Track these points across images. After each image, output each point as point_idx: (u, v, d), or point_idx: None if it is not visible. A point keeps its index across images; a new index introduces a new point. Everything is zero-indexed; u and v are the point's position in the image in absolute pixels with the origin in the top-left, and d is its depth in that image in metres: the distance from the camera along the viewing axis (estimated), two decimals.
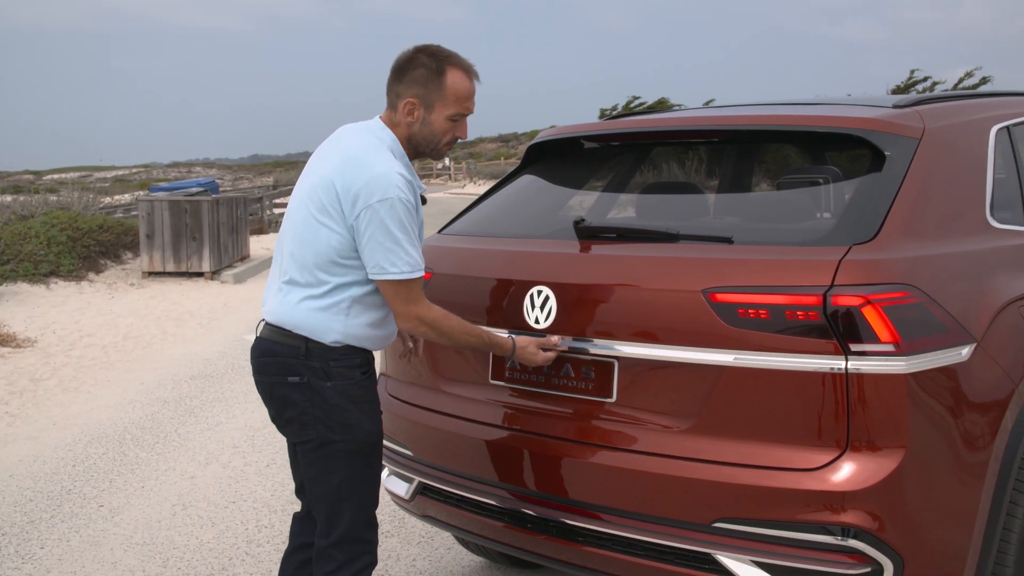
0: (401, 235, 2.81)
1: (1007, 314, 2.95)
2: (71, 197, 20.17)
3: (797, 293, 2.67)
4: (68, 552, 4.73)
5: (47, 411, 7.66)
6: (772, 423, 2.71)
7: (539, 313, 3.16)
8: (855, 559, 2.60)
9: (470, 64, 2.99)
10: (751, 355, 2.72)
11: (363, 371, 2.96)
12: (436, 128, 2.96)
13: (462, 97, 2.95)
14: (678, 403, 2.87)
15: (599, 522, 2.97)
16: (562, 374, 3.15)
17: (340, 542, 2.97)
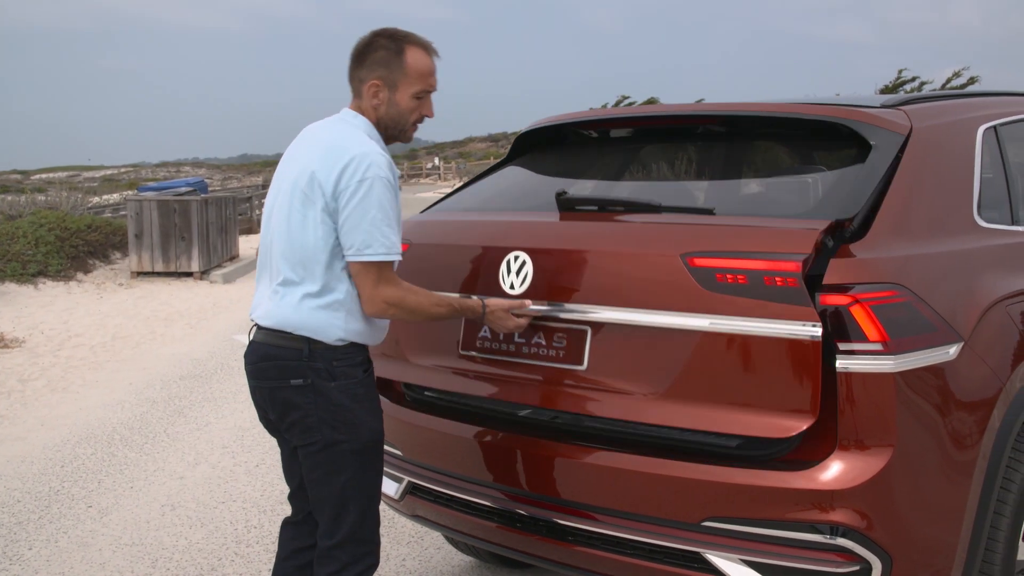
0: (380, 215, 2.79)
1: (994, 313, 2.96)
2: (59, 197, 20.11)
3: (776, 259, 2.66)
4: (56, 553, 4.72)
5: (35, 411, 7.63)
6: (744, 389, 2.69)
7: (514, 279, 3.13)
8: (844, 557, 2.60)
9: (428, 41, 2.99)
10: (727, 320, 2.70)
11: (364, 369, 2.96)
12: (403, 107, 2.96)
13: (424, 74, 2.95)
14: (649, 370, 2.86)
15: (589, 521, 2.97)
16: (533, 342, 3.13)
17: (344, 543, 2.96)
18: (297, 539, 3.17)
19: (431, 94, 3.00)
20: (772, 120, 3.44)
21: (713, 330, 2.73)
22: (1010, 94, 4.03)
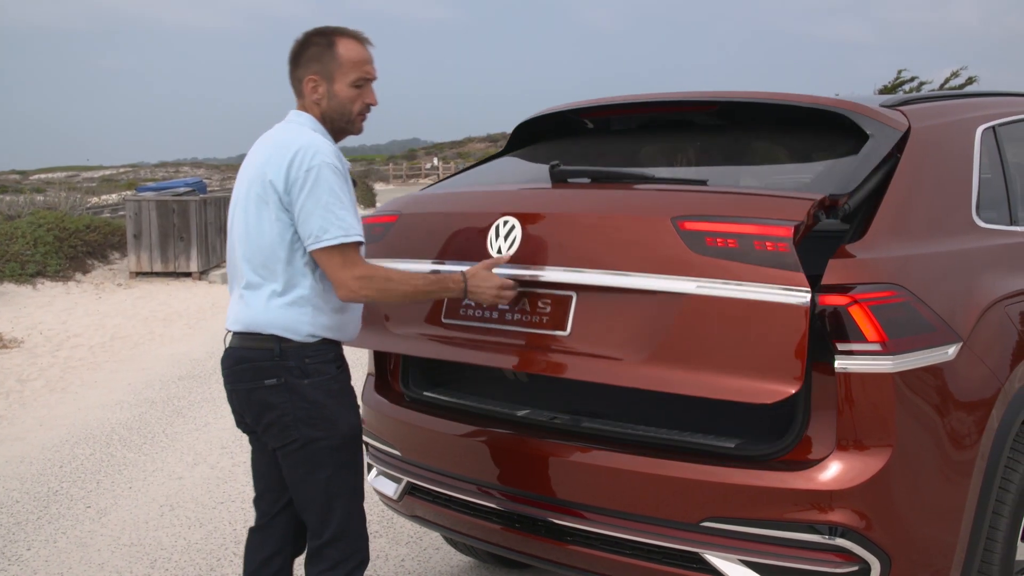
0: (332, 200, 2.80)
1: (993, 313, 2.96)
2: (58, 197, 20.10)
3: (768, 224, 2.63)
4: (55, 554, 4.71)
5: (34, 412, 7.63)
6: (730, 354, 2.65)
7: (502, 243, 3.10)
8: (843, 558, 2.61)
9: (360, 32, 3.02)
10: (715, 283, 2.66)
11: (337, 365, 2.96)
12: (343, 97, 2.97)
13: (358, 61, 2.97)
14: (634, 335, 2.82)
15: (587, 521, 2.97)
16: (517, 309, 3.10)
17: (334, 541, 2.97)
18: (264, 548, 3.16)
19: (371, 82, 3.02)
20: (770, 107, 3.44)
21: (700, 293, 2.68)
22: (1009, 94, 4.04)
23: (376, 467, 3.72)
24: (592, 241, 2.95)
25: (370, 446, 3.77)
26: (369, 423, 3.76)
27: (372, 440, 3.73)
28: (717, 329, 2.67)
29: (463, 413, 3.44)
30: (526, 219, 3.09)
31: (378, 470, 3.71)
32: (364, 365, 4.04)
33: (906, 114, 3.17)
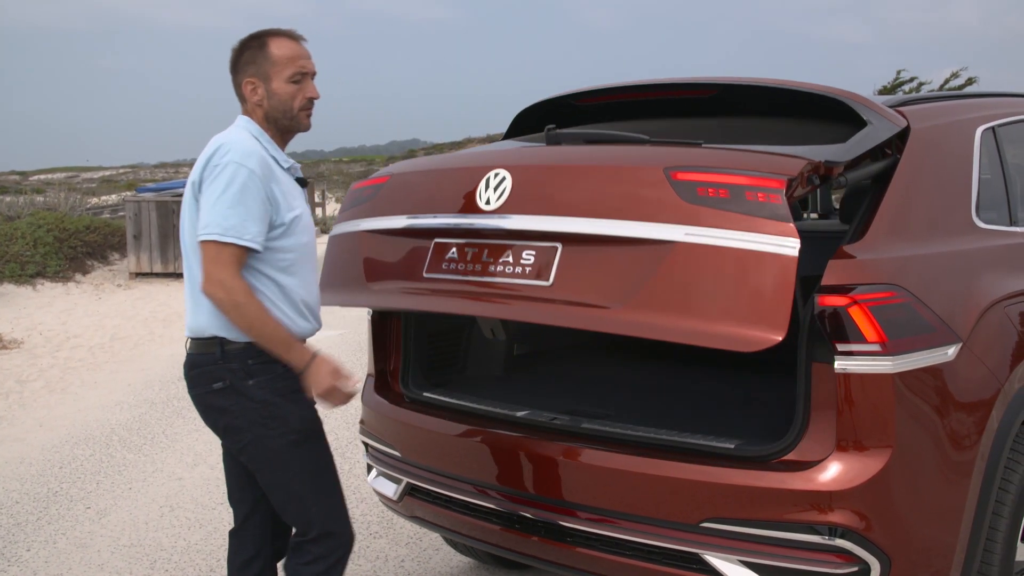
0: (227, 197, 2.78)
1: (992, 314, 2.96)
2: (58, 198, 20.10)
3: (761, 176, 2.61)
4: (55, 554, 4.71)
5: (33, 412, 7.63)
6: (714, 301, 2.61)
7: (492, 194, 3.06)
8: (842, 559, 2.61)
9: (291, 30, 3.03)
10: (703, 231, 2.63)
11: (284, 364, 2.90)
12: (282, 94, 2.96)
13: (292, 57, 2.96)
14: (617, 283, 2.77)
15: (587, 522, 2.97)
16: (501, 261, 3.04)
17: (317, 538, 2.96)
18: (242, 551, 3.16)
19: (309, 76, 3.00)
20: (770, 92, 3.44)
21: (688, 241, 2.64)
22: (1008, 95, 4.04)
23: (376, 468, 3.72)
24: (582, 191, 2.91)
25: (370, 447, 3.77)
26: (369, 423, 3.76)
27: (372, 440, 3.73)
28: (704, 277, 2.62)
29: (463, 414, 3.44)
30: (517, 172, 3.05)
31: (378, 471, 3.71)
32: (364, 366, 4.04)
33: (906, 115, 3.17)
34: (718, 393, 3.88)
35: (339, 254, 3.59)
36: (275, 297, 2.90)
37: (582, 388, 3.95)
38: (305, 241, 2.98)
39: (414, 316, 3.77)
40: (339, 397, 2.94)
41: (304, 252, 2.98)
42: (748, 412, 3.52)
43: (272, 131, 3.00)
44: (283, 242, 2.90)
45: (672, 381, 4.20)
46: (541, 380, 4.06)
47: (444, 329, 3.99)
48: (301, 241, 2.96)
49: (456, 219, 3.12)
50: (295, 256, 2.94)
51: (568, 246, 2.90)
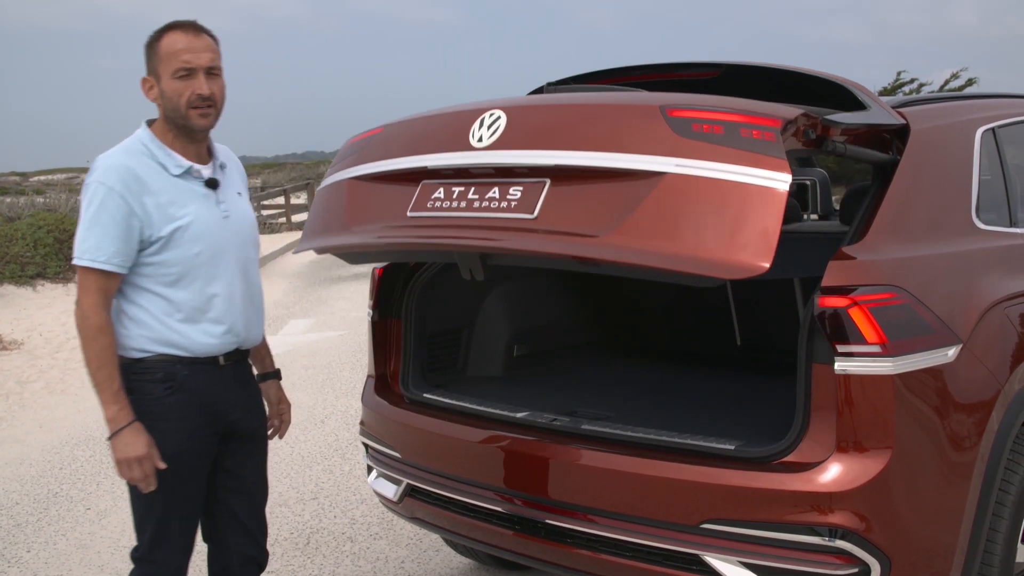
0: (86, 218, 2.76)
1: (993, 315, 2.96)
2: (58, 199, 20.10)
3: (757, 115, 2.59)
4: (55, 555, 4.71)
5: (33, 413, 7.63)
6: (702, 230, 2.56)
7: (484, 132, 2.98)
8: (842, 560, 2.61)
9: (190, 21, 2.87)
10: (694, 163, 2.59)
11: (167, 387, 2.82)
12: (169, 92, 2.81)
13: (176, 51, 2.80)
14: (604, 214, 2.71)
15: (587, 523, 2.97)
16: (487, 197, 2.97)
17: (139, 559, 2.93)
18: (213, 562, 3.17)
19: (201, 71, 2.81)
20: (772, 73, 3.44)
21: (679, 172, 2.60)
22: (1009, 96, 4.04)
23: (376, 469, 3.72)
24: (576, 128, 2.87)
25: (370, 448, 3.77)
26: (369, 425, 3.76)
27: (372, 442, 3.73)
28: (693, 207, 2.58)
29: (463, 415, 3.44)
30: (513, 111, 3.00)
31: (378, 472, 3.71)
32: (364, 367, 4.04)
33: (906, 116, 3.17)
34: (718, 394, 3.88)
35: (323, 204, 3.49)
36: (162, 313, 2.82)
37: (582, 389, 3.95)
38: (196, 252, 2.82)
39: (414, 317, 3.77)
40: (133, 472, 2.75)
41: (195, 263, 2.83)
42: (748, 413, 3.52)
43: (172, 133, 2.86)
44: (164, 256, 2.80)
45: (672, 382, 4.20)
46: (541, 381, 4.06)
47: (444, 330, 3.99)
48: (189, 252, 2.81)
49: (445, 157, 3.05)
50: (182, 269, 2.81)
51: (557, 182, 2.84)
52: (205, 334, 2.86)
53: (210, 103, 2.83)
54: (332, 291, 13.85)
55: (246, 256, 2.97)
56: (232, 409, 2.96)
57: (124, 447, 2.74)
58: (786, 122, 2.57)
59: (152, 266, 2.81)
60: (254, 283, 3.02)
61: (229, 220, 2.91)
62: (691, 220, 2.57)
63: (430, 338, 3.88)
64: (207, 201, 2.87)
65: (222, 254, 2.88)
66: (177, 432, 2.83)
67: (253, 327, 3.00)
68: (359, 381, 7.38)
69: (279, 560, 4.53)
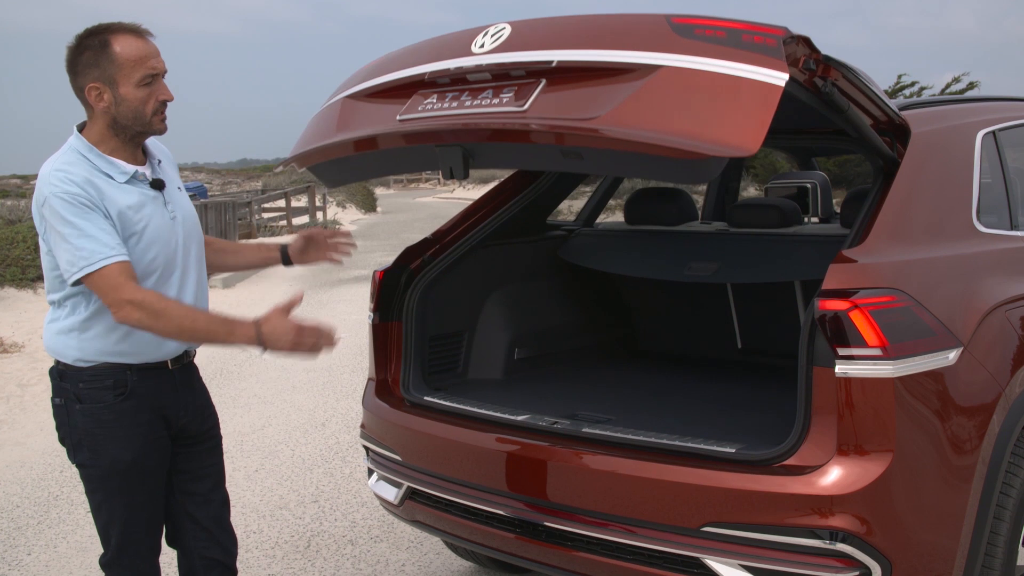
0: (66, 230, 2.64)
1: (993, 318, 2.96)
2: None
3: (761, 25, 2.59)
4: (56, 558, 4.71)
5: (34, 416, 7.63)
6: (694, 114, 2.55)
7: (487, 40, 2.94)
8: (843, 563, 2.60)
9: (135, 25, 2.78)
10: (693, 59, 2.58)
11: (117, 393, 2.79)
12: (133, 100, 2.73)
13: (140, 58, 2.72)
14: (594, 102, 2.69)
15: (588, 526, 2.97)
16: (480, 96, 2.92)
17: (107, 564, 2.94)
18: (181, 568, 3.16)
19: (161, 76, 2.78)
20: None
21: (676, 65, 2.59)
22: (1009, 99, 4.04)
23: (376, 472, 3.72)
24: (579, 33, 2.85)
25: (370, 451, 3.77)
26: (369, 428, 3.76)
27: (372, 445, 3.72)
28: (689, 96, 2.57)
29: (463, 418, 3.44)
30: (520, 24, 2.97)
31: (379, 475, 3.71)
32: (365, 370, 4.04)
33: (907, 119, 3.18)
34: (719, 397, 3.88)
35: (313, 123, 3.43)
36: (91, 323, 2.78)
37: (583, 392, 3.96)
38: (151, 257, 2.78)
39: (415, 320, 3.77)
40: (306, 343, 2.70)
41: (150, 269, 2.78)
42: (749, 416, 3.52)
43: (119, 139, 2.79)
44: None
45: (673, 385, 4.20)
46: (542, 384, 4.06)
47: (445, 333, 3.99)
48: (145, 259, 2.76)
49: (443, 64, 3.01)
50: (140, 276, 2.73)
51: (552, 82, 2.80)
52: (153, 340, 2.79)
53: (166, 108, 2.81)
54: (333, 294, 13.85)
55: (196, 255, 2.94)
56: (181, 413, 2.94)
57: (278, 337, 2.66)
58: (789, 35, 2.56)
59: None
60: (203, 280, 2.98)
61: (176, 221, 2.87)
62: (686, 106, 2.55)
63: (431, 341, 3.88)
64: (156, 204, 2.82)
65: (175, 256, 2.85)
66: (132, 437, 2.81)
67: None
68: (360, 384, 7.38)
69: (279, 563, 4.53)
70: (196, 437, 3.04)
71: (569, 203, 11.92)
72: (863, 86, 2.84)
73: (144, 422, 2.83)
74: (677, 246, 4.29)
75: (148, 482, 2.89)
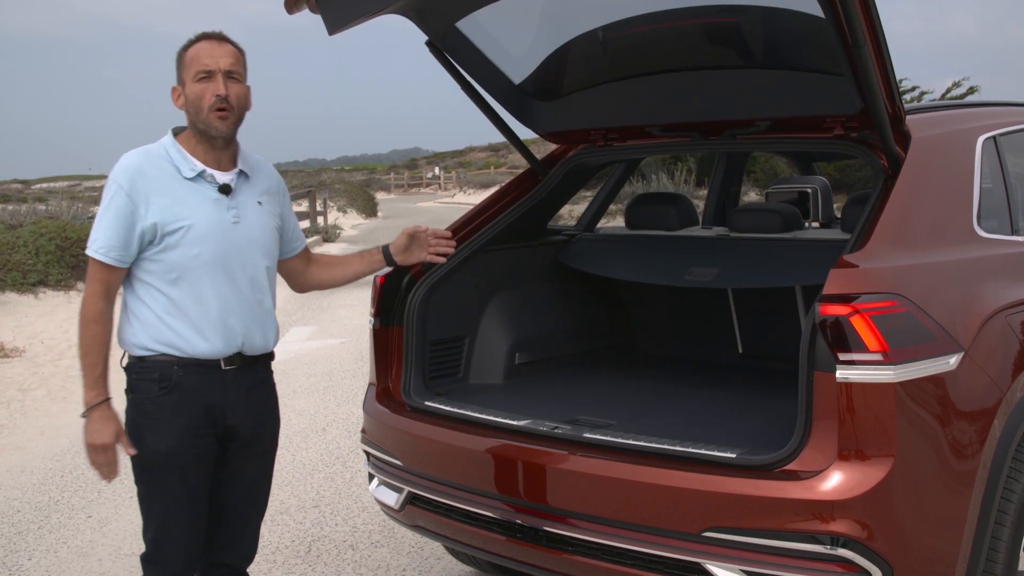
0: (99, 213, 2.88)
1: (994, 323, 2.96)
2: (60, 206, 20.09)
3: None
4: (56, 563, 4.71)
5: (35, 421, 7.63)
6: None
7: None
8: (844, 568, 2.60)
9: (215, 32, 2.95)
10: None
11: (162, 386, 2.89)
12: (192, 96, 2.88)
13: (197, 56, 2.88)
14: None
15: (589, 532, 2.97)
16: None
17: (144, 559, 2.99)
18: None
19: (219, 73, 2.87)
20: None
21: None
22: (1010, 104, 4.04)
23: (377, 477, 3.72)
24: None
25: (371, 456, 3.77)
26: (370, 432, 3.76)
27: (373, 450, 3.72)
28: None
29: (464, 423, 3.44)
30: None
31: (379, 480, 3.71)
32: (365, 375, 4.04)
33: (907, 124, 3.18)
34: (720, 402, 3.88)
35: None
36: (162, 311, 2.89)
37: (584, 397, 3.95)
38: (195, 253, 2.86)
39: (416, 325, 3.77)
40: (96, 458, 2.93)
41: (194, 264, 2.87)
42: (750, 421, 3.52)
43: (196, 139, 2.94)
44: (166, 254, 2.86)
45: (674, 390, 4.19)
46: (542, 389, 4.05)
47: (446, 337, 3.99)
48: (190, 253, 2.85)
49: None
50: (182, 269, 2.86)
51: None
52: (200, 337, 2.89)
53: (227, 105, 2.87)
54: (333, 298, 13.85)
55: (253, 263, 2.98)
56: (231, 413, 2.97)
57: (92, 432, 2.91)
58: None
59: (155, 263, 2.87)
60: (262, 290, 3.02)
61: (238, 226, 2.94)
62: None
63: (432, 346, 3.88)
64: (217, 206, 2.91)
65: (225, 258, 2.91)
66: (169, 431, 2.89)
67: (255, 334, 2.99)
68: (360, 389, 7.38)
69: (280, 568, 4.53)
70: (245, 440, 3.06)
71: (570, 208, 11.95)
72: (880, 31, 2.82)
73: (185, 417, 2.90)
74: (678, 251, 4.29)
75: (187, 480, 2.93)
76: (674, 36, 3.62)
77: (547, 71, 3.91)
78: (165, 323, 2.88)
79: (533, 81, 3.94)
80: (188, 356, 2.89)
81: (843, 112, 3.24)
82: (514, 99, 4.01)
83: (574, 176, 4.25)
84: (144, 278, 2.89)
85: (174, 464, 2.90)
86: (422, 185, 70.68)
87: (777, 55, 3.57)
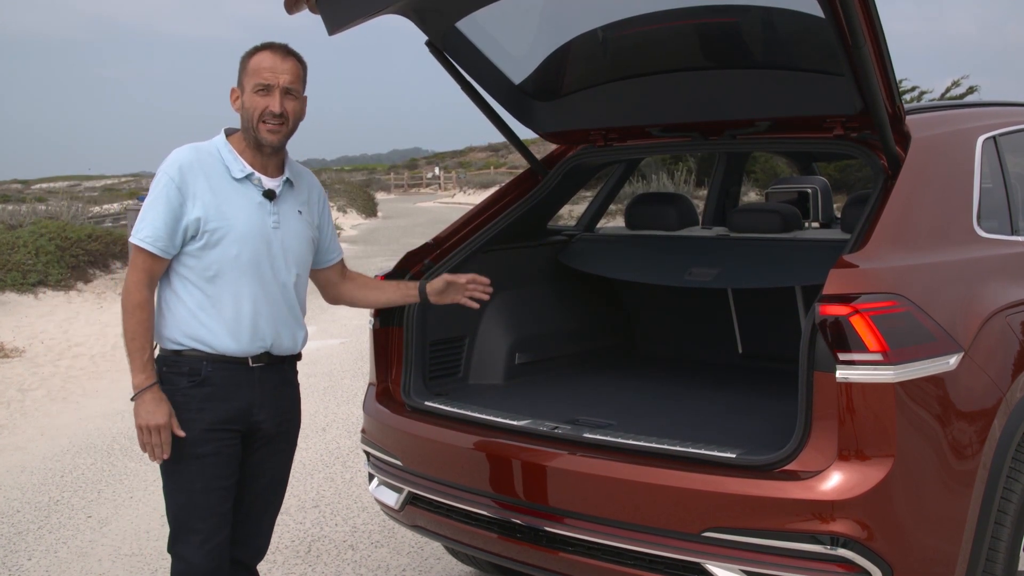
0: (146, 202, 2.92)
1: (994, 323, 2.96)
2: (60, 206, 20.11)
3: None
4: (56, 564, 4.71)
5: (35, 421, 7.63)
6: None
7: None
8: (844, 568, 2.60)
9: (281, 44, 3.02)
10: None
11: (190, 379, 2.94)
12: (247, 105, 2.97)
13: (260, 68, 2.96)
14: None
15: (588, 532, 2.97)
16: None
17: (169, 547, 3.04)
18: None
19: (278, 89, 2.95)
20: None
21: None
22: (1009, 104, 4.04)
23: (377, 477, 3.72)
24: None
25: (371, 456, 3.77)
26: (370, 432, 3.76)
27: (373, 450, 3.72)
28: None
29: (464, 423, 3.44)
30: None
31: (379, 480, 3.71)
32: (365, 375, 4.04)
33: (907, 125, 3.18)
34: (720, 402, 3.88)
35: None
36: (198, 308, 2.94)
37: (584, 397, 3.95)
38: (235, 254, 2.92)
39: (416, 325, 3.77)
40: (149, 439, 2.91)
41: (233, 265, 2.93)
42: (750, 421, 3.52)
43: (246, 143, 3.02)
44: (205, 251, 2.92)
45: (674, 390, 4.19)
46: (543, 389, 4.06)
47: (446, 338, 3.99)
48: (229, 253, 2.92)
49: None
50: (219, 268, 2.93)
51: None
52: (232, 338, 2.95)
53: (281, 121, 2.96)
54: None
55: (287, 270, 3.04)
56: (256, 410, 3.03)
57: (144, 413, 2.88)
58: None
59: (194, 259, 2.92)
60: (292, 297, 3.08)
61: (277, 232, 3.01)
62: None
63: (431, 346, 3.89)
64: (260, 210, 2.99)
65: (261, 261, 2.98)
66: (191, 422, 2.93)
67: (284, 337, 3.06)
68: (360, 389, 7.38)
69: (280, 568, 4.53)
70: (268, 437, 3.11)
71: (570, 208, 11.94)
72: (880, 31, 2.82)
73: (212, 411, 2.95)
74: (678, 251, 4.30)
75: (206, 474, 2.97)
76: (674, 36, 3.63)
77: (547, 71, 3.92)
78: (198, 319, 2.94)
79: (533, 81, 3.94)
80: (217, 353, 2.95)
81: (843, 112, 3.25)
82: (514, 99, 4.02)
83: (574, 176, 4.25)
84: (182, 272, 2.94)
85: (191, 456, 2.95)
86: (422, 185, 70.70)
87: (777, 55, 3.57)
